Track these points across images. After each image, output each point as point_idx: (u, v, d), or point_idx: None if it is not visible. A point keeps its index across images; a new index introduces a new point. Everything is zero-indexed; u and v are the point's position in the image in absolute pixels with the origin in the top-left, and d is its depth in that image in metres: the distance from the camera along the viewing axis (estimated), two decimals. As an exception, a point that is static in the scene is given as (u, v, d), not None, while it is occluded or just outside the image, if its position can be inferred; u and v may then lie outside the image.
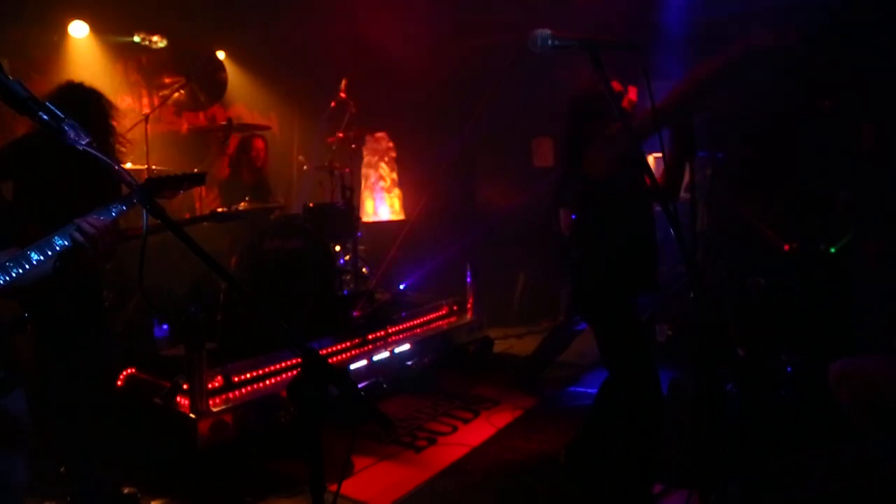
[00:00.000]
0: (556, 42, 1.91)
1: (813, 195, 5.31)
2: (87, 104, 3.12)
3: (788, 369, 4.48)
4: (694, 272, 2.56)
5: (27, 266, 1.65)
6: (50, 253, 1.70)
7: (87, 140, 1.47)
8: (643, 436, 3.00)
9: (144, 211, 1.40)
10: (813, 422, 3.92)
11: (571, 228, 3.37)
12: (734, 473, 3.33)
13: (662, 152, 2.76)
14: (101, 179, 3.27)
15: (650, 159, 4.95)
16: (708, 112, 3.14)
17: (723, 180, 5.06)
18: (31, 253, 1.67)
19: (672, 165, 2.96)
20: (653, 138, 2.36)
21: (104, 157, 1.43)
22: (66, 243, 1.73)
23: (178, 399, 3.78)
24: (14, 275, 1.62)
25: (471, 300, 5.87)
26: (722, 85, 2.90)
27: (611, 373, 3.44)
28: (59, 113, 1.48)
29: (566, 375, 5.29)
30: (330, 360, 3.65)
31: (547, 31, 1.90)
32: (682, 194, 3.32)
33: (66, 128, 1.46)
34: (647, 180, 2.03)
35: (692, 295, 2.18)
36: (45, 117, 1.46)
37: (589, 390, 4.79)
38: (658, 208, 3.08)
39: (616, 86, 3.03)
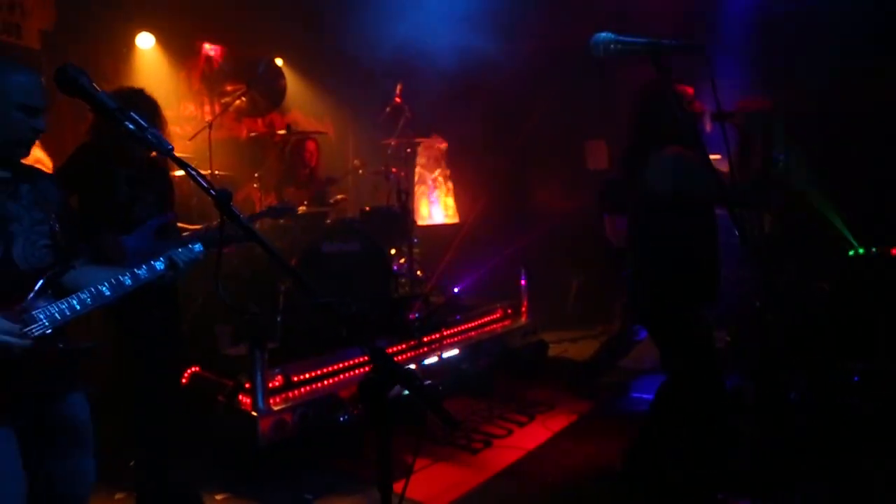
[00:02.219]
0: (618, 44, 1.89)
1: (882, 196, 5.13)
2: (157, 119, 3.26)
3: (855, 378, 4.33)
4: (759, 278, 2.52)
5: (120, 291, 2.01)
6: (142, 276, 2.07)
7: (170, 147, 1.54)
8: (706, 444, 2.94)
9: (222, 216, 1.45)
10: (883, 432, 3.79)
11: (630, 236, 3.30)
12: (798, 484, 3.25)
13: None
14: (157, 189, 3.41)
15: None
16: (772, 112, 3.06)
17: (787, 181, 4.93)
18: (125, 279, 2.04)
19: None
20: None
21: (186, 164, 1.50)
22: (159, 272, 2.13)
23: (241, 397, 3.88)
24: (110, 295, 1.99)
25: (525, 303, 5.86)
26: None
27: (671, 379, 3.39)
28: (143, 122, 1.55)
29: (623, 380, 5.22)
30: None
31: (609, 34, 1.88)
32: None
33: (150, 136, 1.53)
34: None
35: (757, 303, 2.13)
36: (130, 126, 1.53)
37: (646, 396, 4.72)
38: (719, 210, 3.02)
39: (688, 90, 2.96)
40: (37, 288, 1.96)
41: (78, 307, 1.94)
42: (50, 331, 1.89)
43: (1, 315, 1.83)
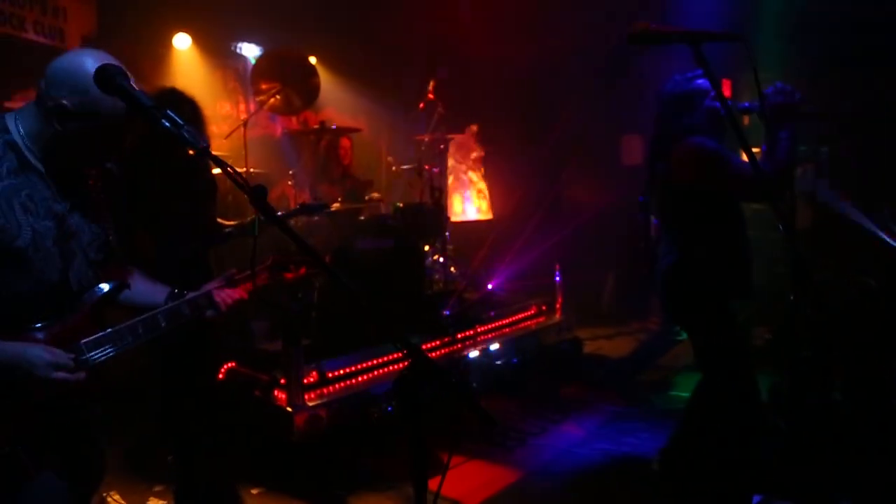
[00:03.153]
0: (657, 35, 1.86)
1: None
2: (197, 118, 3.30)
3: (902, 377, 4.20)
4: (799, 273, 2.43)
5: (175, 322, 1.99)
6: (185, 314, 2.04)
7: (206, 144, 1.55)
8: (741, 444, 2.88)
9: (257, 212, 1.45)
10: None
11: (658, 233, 3.25)
12: (843, 487, 3.16)
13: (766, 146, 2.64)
14: (198, 189, 3.45)
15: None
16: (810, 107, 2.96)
17: (827, 176, 4.81)
18: (160, 320, 1.96)
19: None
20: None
21: (221, 161, 1.50)
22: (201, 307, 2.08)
23: (276, 393, 3.91)
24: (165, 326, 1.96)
25: (559, 300, 5.81)
26: None
27: (706, 378, 3.32)
28: (178, 120, 1.56)
29: (659, 378, 5.16)
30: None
31: (648, 25, 1.85)
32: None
33: (185, 133, 1.54)
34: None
35: (792, 298, 2.07)
36: (166, 124, 1.54)
37: (682, 394, 4.65)
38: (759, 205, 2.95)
39: (719, 80, 2.90)
40: (90, 313, 1.86)
41: (131, 341, 1.89)
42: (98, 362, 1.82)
43: (51, 347, 1.72)
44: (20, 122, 1.76)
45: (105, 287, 1.89)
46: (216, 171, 3.67)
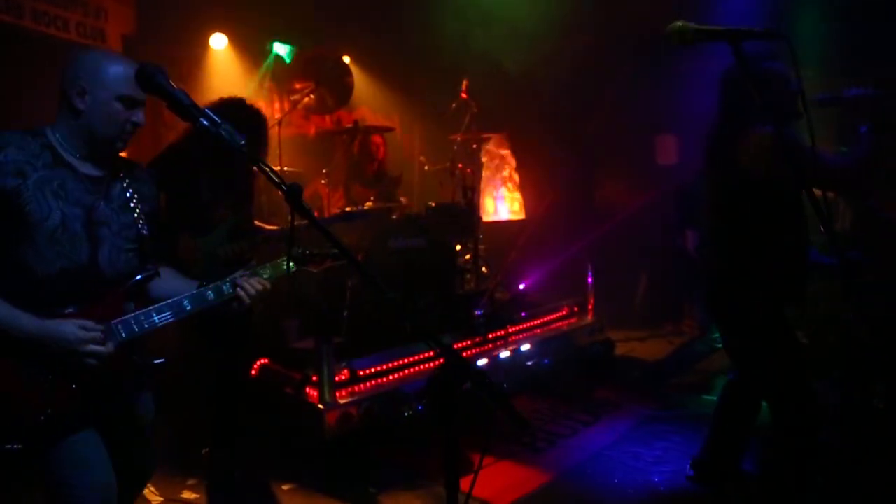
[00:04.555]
0: (696, 32, 1.82)
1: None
2: (259, 126, 3.36)
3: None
4: (845, 276, 2.36)
5: (201, 304, 2.09)
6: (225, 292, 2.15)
7: (243, 143, 1.57)
8: (799, 456, 2.79)
9: (292, 210, 1.46)
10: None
11: (710, 233, 3.09)
12: (883, 496, 3.08)
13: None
14: (239, 190, 3.49)
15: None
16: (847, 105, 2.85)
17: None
18: (208, 293, 2.12)
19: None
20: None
21: (258, 160, 1.52)
22: (226, 294, 2.15)
23: (308, 390, 3.95)
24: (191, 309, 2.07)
25: (591, 301, 5.76)
26: None
27: (736, 381, 3.25)
28: (216, 118, 1.58)
29: (693, 381, 5.08)
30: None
31: (687, 23, 1.81)
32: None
33: (223, 132, 1.56)
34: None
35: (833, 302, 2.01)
36: (205, 123, 1.56)
37: (716, 398, 4.57)
38: None
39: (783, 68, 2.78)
40: (120, 295, 2.00)
41: (157, 322, 2.01)
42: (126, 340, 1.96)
43: (84, 319, 1.89)
44: (55, 128, 2.00)
45: (136, 275, 2.05)
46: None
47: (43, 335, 1.84)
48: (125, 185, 2.09)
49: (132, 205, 2.08)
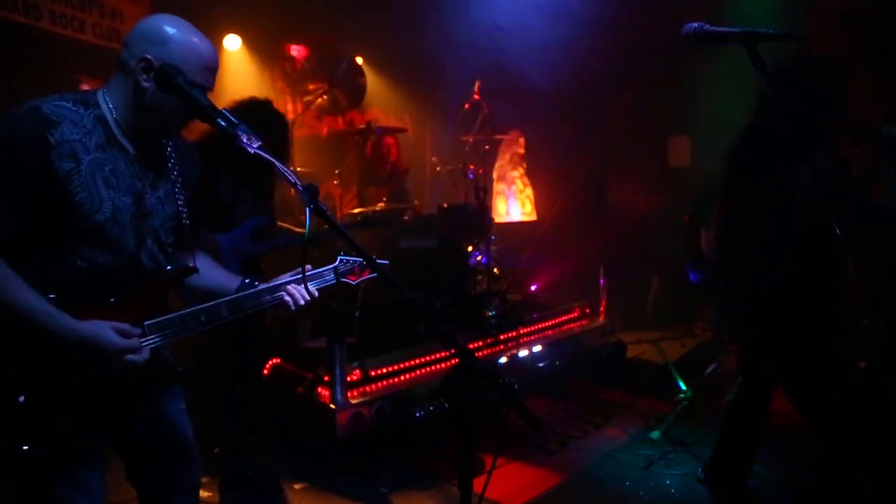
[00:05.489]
0: (711, 35, 1.81)
1: None
2: (281, 129, 3.37)
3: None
4: (856, 281, 2.31)
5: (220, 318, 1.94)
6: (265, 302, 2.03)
7: (259, 143, 1.57)
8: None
9: (308, 210, 1.47)
10: None
11: (736, 250, 2.96)
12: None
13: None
14: (259, 190, 3.51)
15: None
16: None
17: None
18: (222, 310, 1.94)
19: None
20: None
21: (272, 160, 1.52)
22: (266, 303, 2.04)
23: (319, 390, 3.96)
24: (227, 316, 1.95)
25: (603, 303, 5.74)
26: None
27: (743, 385, 3.21)
28: (234, 119, 1.59)
29: (706, 383, 5.05)
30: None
31: (702, 25, 1.81)
32: None
33: (240, 133, 1.57)
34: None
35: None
36: (222, 124, 1.57)
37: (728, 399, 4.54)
38: None
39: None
40: (160, 289, 1.89)
41: (193, 327, 1.89)
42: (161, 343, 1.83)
43: (123, 322, 1.75)
44: (108, 95, 1.80)
45: (173, 269, 1.94)
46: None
47: (79, 338, 1.68)
48: (171, 165, 1.92)
49: (176, 191, 1.93)
